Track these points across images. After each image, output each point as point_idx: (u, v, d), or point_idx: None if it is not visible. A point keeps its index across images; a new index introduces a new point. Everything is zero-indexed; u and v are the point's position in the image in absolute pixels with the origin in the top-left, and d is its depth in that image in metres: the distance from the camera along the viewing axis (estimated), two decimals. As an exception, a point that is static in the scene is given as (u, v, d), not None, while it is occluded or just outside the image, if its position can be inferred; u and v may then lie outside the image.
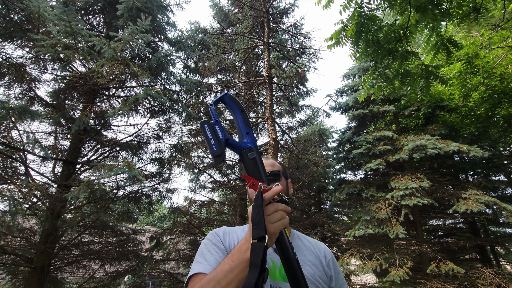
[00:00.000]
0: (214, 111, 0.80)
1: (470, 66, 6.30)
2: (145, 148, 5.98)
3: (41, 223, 3.99)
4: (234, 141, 0.78)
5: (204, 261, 0.87)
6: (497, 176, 8.66)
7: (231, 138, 0.77)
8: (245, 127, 0.80)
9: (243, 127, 0.80)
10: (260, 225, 0.66)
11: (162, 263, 6.53)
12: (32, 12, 3.77)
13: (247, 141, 0.78)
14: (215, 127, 0.76)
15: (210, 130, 0.75)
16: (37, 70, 4.77)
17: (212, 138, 0.74)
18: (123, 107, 4.13)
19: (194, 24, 8.04)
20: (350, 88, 9.65)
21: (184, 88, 5.92)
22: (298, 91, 9.15)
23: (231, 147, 0.77)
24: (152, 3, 5.24)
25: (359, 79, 9.18)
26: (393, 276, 5.76)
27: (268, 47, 6.64)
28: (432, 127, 7.67)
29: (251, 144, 0.78)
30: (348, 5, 2.90)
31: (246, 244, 0.70)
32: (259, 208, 0.67)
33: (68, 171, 4.54)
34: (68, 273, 5.14)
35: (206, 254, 0.90)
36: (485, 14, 2.93)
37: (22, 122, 3.82)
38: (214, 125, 0.76)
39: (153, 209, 6.14)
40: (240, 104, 0.83)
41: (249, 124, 0.81)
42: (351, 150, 8.11)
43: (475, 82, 6.73)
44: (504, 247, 7.75)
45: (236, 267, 0.68)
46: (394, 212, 6.54)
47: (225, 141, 0.75)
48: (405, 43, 3.10)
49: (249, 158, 0.75)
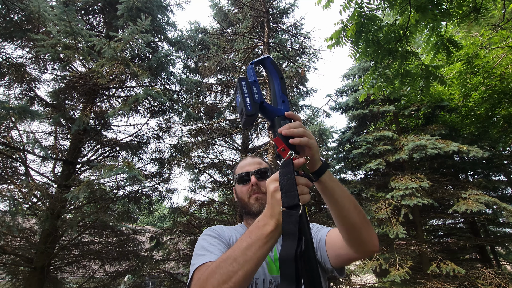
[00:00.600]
0: (253, 70, 0.77)
1: (470, 66, 6.30)
2: (145, 148, 5.98)
3: (41, 223, 3.99)
4: (269, 105, 0.74)
5: (208, 252, 0.82)
6: (497, 176, 8.67)
7: (266, 102, 0.74)
8: (282, 95, 0.76)
9: (279, 94, 0.77)
10: (291, 192, 0.59)
11: (162, 263, 6.53)
12: (32, 12, 3.77)
13: (282, 109, 0.74)
14: (253, 86, 0.73)
15: (247, 87, 0.72)
16: (37, 70, 4.77)
17: (248, 96, 0.71)
18: (123, 107, 4.13)
19: (194, 24, 8.04)
20: (350, 88, 9.65)
21: (184, 88, 5.92)
22: (298, 91, 9.14)
23: (264, 111, 0.74)
24: (152, 3, 5.24)
25: (359, 79, 9.18)
26: (393, 276, 5.76)
27: (268, 47, 6.64)
28: (432, 127, 7.67)
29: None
30: (348, 5, 2.90)
31: (264, 219, 0.65)
32: (290, 175, 0.61)
33: (68, 171, 4.54)
34: (68, 273, 5.14)
35: (208, 247, 0.86)
36: (485, 14, 2.93)
37: (22, 122, 3.82)
38: (252, 84, 0.73)
39: (153, 209, 6.14)
40: (280, 71, 0.80)
41: (286, 92, 0.78)
42: (351, 150, 8.11)
43: (475, 82, 6.73)
44: (504, 247, 7.76)
45: (254, 244, 0.62)
46: (394, 212, 6.54)
47: (260, 102, 0.72)
48: (405, 43, 3.10)
49: (281, 126, 0.71)
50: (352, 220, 0.75)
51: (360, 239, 0.78)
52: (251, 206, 1.01)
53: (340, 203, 0.74)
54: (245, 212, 1.05)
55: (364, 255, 0.82)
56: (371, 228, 0.79)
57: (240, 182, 1.07)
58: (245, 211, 1.05)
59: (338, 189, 0.74)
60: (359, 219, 0.75)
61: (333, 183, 0.73)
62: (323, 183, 0.73)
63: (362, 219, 0.76)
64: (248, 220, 1.06)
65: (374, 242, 0.79)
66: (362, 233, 0.77)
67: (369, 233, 0.78)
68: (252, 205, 1.01)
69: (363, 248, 0.79)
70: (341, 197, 0.74)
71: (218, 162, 7.62)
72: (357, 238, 0.78)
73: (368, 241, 0.78)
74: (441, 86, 3.42)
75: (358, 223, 0.75)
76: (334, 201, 0.74)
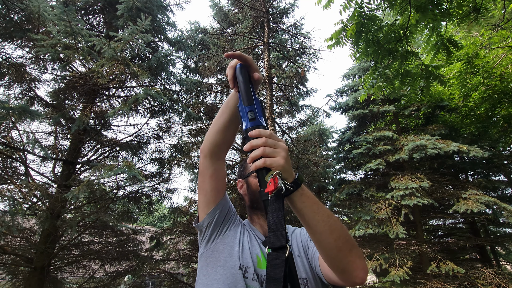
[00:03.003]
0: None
1: (470, 66, 6.30)
2: (145, 148, 5.98)
3: (41, 223, 3.99)
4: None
5: None
6: (497, 176, 8.67)
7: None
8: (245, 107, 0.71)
9: (241, 104, 0.73)
10: (279, 232, 0.55)
11: (162, 263, 6.53)
12: (32, 12, 3.77)
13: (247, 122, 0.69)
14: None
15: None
16: (37, 70, 4.77)
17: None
18: (123, 107, 4.13)
19: (194, 24, 8.03)
20: (350, 88, 9.65)
21: (184, 88, 5.92)
22: (298, 91, 9.14)
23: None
24: (152, 3, 5.23)
25: (359, 79, 9.18)
26: (393, 276, 5.76)
27: (268, 47, 6.64)
28: (432, 127, 7.67)
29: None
30: (348, 5, 2.90)
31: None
32: (279, 212, 0.57)
33: (68, 171, 4.54)
34: (68, 273, 5.14)
35: None
36: (485, 14, 2.93)
37: (22, 122, 3.82)
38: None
39: (153, 209, 6.14)
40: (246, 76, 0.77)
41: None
42: (351, 150, 8.11)
43: (475, 82, 6.73)
44: (504, 247, 7.76)
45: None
46: (394, 212, 6.54)
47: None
48: (405, 43, 3.10)
49: None
50: (327, 246, 0.66)
51: (339, 267, 0.68)
52: None
53: (312, 226, 0.65)
54: (255, 206, 1.03)
55: (347, 285, 0.73)
56: (354, 255, 0.67)
57: None
58: (256, 205, 1.02)
59: (308, 211, 0.64)
60: (336, 245, 0.65)
61: (302, 204, 0.64)
62: (292, 203, 0.65)
63: (341, 245, 0.66)
64: (253, 216, 1.04)
65: (356, 273, 0.67)
66: (341, 261, 0.67)
67: (351, 261, 0.66)
68: None
69: (343, 277, 0.70)
70: (312, 219, 0.65)
71: (218, 162, 7.62)
72: (336, 266, 0.69)
73: (349, 270, 0.67)
74: (441, 86, 3.42)
75: (334, 249, 0.66)
76: (305, 223, 0.66)
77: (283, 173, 0.60)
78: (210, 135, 0.87)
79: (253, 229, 1.00)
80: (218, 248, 0.91)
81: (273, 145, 0.62)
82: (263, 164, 0.60)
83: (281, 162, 0.60)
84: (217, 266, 0.87)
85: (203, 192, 0.92)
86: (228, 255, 0.88)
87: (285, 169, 0.61)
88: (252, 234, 0.98)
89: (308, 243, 0.96)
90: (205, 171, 0.89)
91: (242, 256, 0.89)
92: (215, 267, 0.87)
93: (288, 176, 0.62)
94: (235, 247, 0.91)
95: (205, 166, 0.89)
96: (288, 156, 0.63)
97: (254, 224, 1.03)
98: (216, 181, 0.90)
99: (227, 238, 0.93)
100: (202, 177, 0.91)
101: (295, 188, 0.63)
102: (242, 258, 0.88)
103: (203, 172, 0.90)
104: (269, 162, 0.60)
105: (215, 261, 0.88)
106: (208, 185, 0.90)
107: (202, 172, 0.90)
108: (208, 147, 0.87)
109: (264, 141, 0.62)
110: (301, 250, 0.95)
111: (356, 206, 7.72)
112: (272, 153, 0.61)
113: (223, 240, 0.92)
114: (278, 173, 0.59)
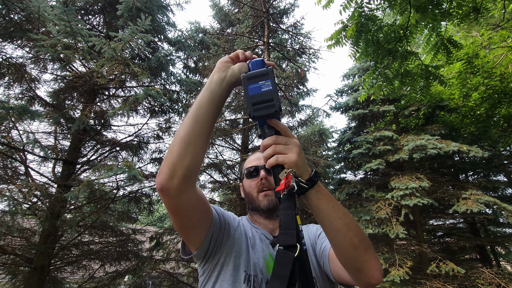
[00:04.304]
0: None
1: (470, 66, 6.30)
2: (145, 148, 5.98)
3: (41, 223, 3.98)
4: None
5: None
6: (497, 176, 8.67)
7: None
8: None
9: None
10: (290, 231, 0.55)
11: (162, 263, 6.53)
12: (32, 12, 3.77)
13: None
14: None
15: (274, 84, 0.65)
16: (37, 70, 4.77)
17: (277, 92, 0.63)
18: (123, 107, 4.13)
19: (194, 24, 8.03)
20: (350, 88, 9.66)
21: (184, 88, 5.92)
22: (298, 91, 9.14)
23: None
24: (152, 3, 5.23)
25: (359, 79, 9.18)
26: (393, 276, 5.76)
27: (268, 47, 6.64)
28: (432, 127, 7.67)
29: None
30: (348, 5, 2.90)
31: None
32: (291, 211, 0.56)
33: (68, 171, 4.54)
34: (68, 273, 5.14)
35: None
36: (485, 14, 2.93)
37: (22, 122, 3.81)
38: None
39: (153, 209, 6.14)
40: None
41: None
42: (351, 150, 8.11)
43: (475, 82, 6.73)
44: (504, 247, 7.76)
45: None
46: (394, 212, 6.54)
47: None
48: (405, 43, 3.10)
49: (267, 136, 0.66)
50: (342, 244, 0.65)
51: (354, 266, 0.67)
52: (259, 203, 0.97)
53: (328, 224, 0.64)
54: (252, 208, 1.01)
55: (361, 285, 0.70)
56: (370, 255, 0.65)
57: (248, 176, 1.02)
58: (252, 206, 1.01)
59: (324, 208, 0.63)
60: (352, 244, 0.64)
61: (318, 201, 0.63)
62: (307, 200, 0.64)
63: (357, 243, 0.64)
64: (254, 216, 1.02)
65: (372, 273, 0.65)
66: (357, 260, 0.65)
67: (366, 261, 0.65)
68: (261, 202, 0.97)
69: (357, 277, 0.68)
70: (328, 217, 0.64)
71: (218, 162, 7.62)
72: (350, 265, 0.67)
73: (364, 270, 0.65)
74: (441, 86, 3.41)
75: (350, 247, 0.64)
76: (321, 220, 0.65)
77: (296, 169, 0.60)
78: (181, 157, 0.63)
79: (257, 229, 0.98)
80: (220, 261, 0.84)
81: (284, 141, 0.62)
82: (275, 161, 0.60)
83: (293, 158, 0.60)
84: (222, 281, 0.81)
85: (190, 229, 0.77)
86: (232, 268, 0.82)
87: (299, 165, 0.61)
88: (257, 235, 0.95)
89: (316, 240, 0.94)
90: (184, 207, 0.69)
91: (248, 264, 0.84)
92: (220, 281, 0.81)
93: (303, 173, 0.62)
94: (239, 257, 0.85)
95: (183, 203, 0.67)
96: (301, 152, 0.63)
97: (256, 224, 1.02)
98: (202, 207, 0.75)
99: (227, 248, 0.86)
100: (181, 215, 0.71)
101: (310, 186, 0.62)
102: (248, 266, 0.83)
103: (180, 210, 0.69)
104: (281, 159, 0.60)
105: (220, 276, 0.83)
106: (196, 219, 0.75)
107: (177, 211, 0.69)
108: (182, 175, 0.62)
109: (274, 139, 0.62)
110: (309, 248, 0.93)
111: (356, 206, 7.72)
112: (283, 150, 0.60)
113: (225, 251, 0.86)
114: (291, 171, 0.59)
